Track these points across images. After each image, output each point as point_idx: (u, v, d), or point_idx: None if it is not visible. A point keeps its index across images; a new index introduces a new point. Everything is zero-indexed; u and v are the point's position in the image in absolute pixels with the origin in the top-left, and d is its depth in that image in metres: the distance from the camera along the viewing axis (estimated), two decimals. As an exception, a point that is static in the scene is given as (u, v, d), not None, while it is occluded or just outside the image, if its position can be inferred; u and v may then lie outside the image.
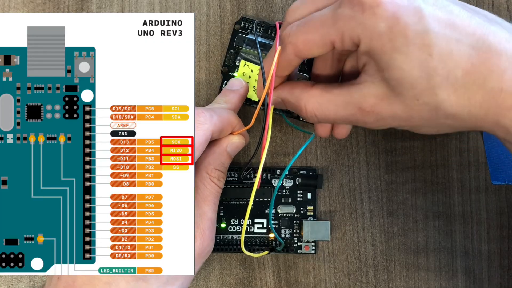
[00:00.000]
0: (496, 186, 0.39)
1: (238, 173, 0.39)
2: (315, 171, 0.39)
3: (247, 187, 0.39)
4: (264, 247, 0.39)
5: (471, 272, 0.39)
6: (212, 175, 0.34)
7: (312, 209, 0.39)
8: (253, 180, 0.39)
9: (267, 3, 0.40)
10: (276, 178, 0.39)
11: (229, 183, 0.39)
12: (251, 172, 0.39)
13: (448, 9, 0.27)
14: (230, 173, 0.39)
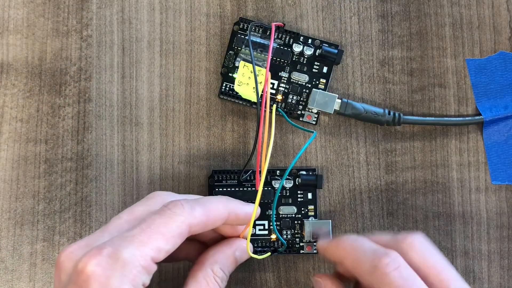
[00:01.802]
0: (496, 186, 0.39)
1: (238, 175, 0.39)
2: (315, 171, 0.39)
3: (247, 189, 0.39)
4: (267, 249, 0.39)
5: (471, 272, 0.39)
6: (217, 274, 0.32)
7: (313, 209, 0.39)
8: (253, 182, 0.39)
9: (267, 3, 0.40)
10: (277, 179, 0.39)
11: (230, 186, 0.39)
12: (251, 174, 0.39)
13: None
14: (229, 175, 0.39)
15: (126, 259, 0.28)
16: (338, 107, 0.38)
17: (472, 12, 0.40)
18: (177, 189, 0.39)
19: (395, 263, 0.30)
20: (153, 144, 0.39)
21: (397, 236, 0.33)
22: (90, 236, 0.30)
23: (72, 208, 0.39)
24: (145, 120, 0.39)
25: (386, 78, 0.40)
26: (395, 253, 0.31)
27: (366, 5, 0.40)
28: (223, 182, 0.39)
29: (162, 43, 0.40)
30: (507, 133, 0.39)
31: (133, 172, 0.39)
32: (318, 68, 0.39)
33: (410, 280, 0.30)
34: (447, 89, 0.40)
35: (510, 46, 0.40)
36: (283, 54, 0.39)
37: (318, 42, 0.39)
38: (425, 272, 0.31)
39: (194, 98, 0.40)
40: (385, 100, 0.40)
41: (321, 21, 0.40)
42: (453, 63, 0.40)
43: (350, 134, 0.39)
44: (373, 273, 0.30)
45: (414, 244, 0.32)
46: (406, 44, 0.40)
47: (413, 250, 0.31)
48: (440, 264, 0.31)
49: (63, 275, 0.29)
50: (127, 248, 0.28)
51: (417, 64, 0.40)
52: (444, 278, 0.31)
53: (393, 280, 0.30)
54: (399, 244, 0.32)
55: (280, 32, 0.39)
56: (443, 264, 0.31)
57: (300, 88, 0.39)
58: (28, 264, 0.39)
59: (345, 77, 0.40)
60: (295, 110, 0.39)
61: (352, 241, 0.33)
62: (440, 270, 0.31)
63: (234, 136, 0.39)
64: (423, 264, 0.31)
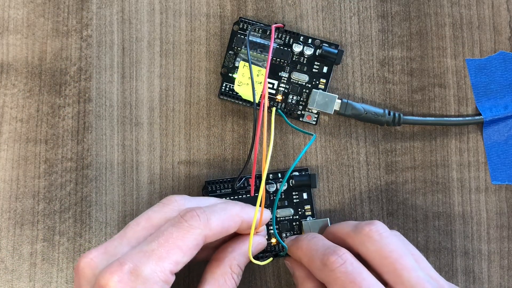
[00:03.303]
0: (496, 186, 0.39)
1: (232, 184, 0.38)
2: (307, 171, 0.39)
3: (242, 197, 0.39)
4: (268, 254, 0.38)
5: (471, 272, 0.39)
6: (235, 271, 0.33)
7: (309, 209, 0.39)
8: (247, 188, 0.39)
9: (267, 3, 0.40)
10: (270, 183, 0.38)
11: (224, 195, 0.38)
12: (244, 182, 0.39)
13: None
14: (223, 185, 0.38)
15: (147, 275, 0.29)
16: (338, 107, 0.38)
17: (472, 12, 0.40)
18: (177, 189, 0.39)
19: (341, 259, 0.31)
20: (153, 144, 0.39)
21: (357, 226, 0.34)
22: (108, 243, 0.31)
23: (72, 208, 0.39)
24: (145, 120, 0.40)
25: (386, 78, 0.40)
26: (343, 250, 0.32)
27: (366, 5, 0.40)
28: (217, 192, 0.39)
29: (162, 43, 0.40)
30: (507, 133, 0.39)
31: (133, 172, 0.39)
32: (318, 68, 0.39)
33: (355, 274, 0.31)
34: (447, 89, 0.40)
35: (510, 46, 0.40)
36: (283, 54, 0.39)
37: (318, 42, 0.39)
38: (380, 262, 0.32)
39: (194, 98, 0.40)
40: (385, 100, 0.40)
41: (321, 21, 0.40)
42: (453, 63, 0.40)
43: (350, 134, 0.39)
44: (323, 270, 0.32)
45: (371, 234, 0.33)
46: (406, 44, 0.40)
47: (369, 240, 0.32)
48: (396, 253, 0.32)
49: (84, 283, 0.30)
50: (147, 265, 0.29)
51: (417, 64, 0.40)
52: (398, 267, 0.31)
53: (339, 276, 0.31)
54: (357, 234, 0.33)
55: (280, 32, 0.39)
56: (399, 254, 0.32)
57: (300, 88, 0.39)
58: (28, 264, 0.39)
59: (345, 77, 0.40)
60: (295, 111, 0.39)
61: (308, 240, 0.35)
62: (394, 260, 0.32)
63: (234, 136, 0.39)
64: (378, 254, 0.32)
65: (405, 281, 0.31)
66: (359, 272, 0.31)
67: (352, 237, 0.33)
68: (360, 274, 0.31)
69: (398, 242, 0.33)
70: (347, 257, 0.32)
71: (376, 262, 0.32)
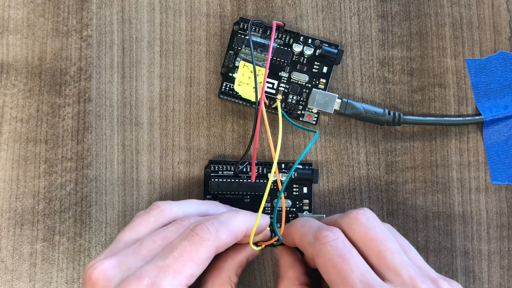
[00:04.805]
0: (496, 186, 0.39)
1: (234, 166, 0.39)
2: (311, 165, 0.39)
3: (243, 181, 0.39)
4: None
5: (471, 272, 0.39)
6: (233, 280, 0.35)
7: (308, 203, 0.39)
8: (248, 173, 0.39)
9: (267, 3, 0.40)
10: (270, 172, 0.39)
11: (226, 177, 0.39)
12: (247, 166, 0.39)
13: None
14: (226, 166, 0.39)
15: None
16: (338, 107, 0.38)
17: (472, 12, 0.40)
18: (177, 189, 0.39)
19: (334, 235, 0.32)
20: (153, 144, 0.39)
21: (346, 212, 0.35)
22: (121, 255, 0.32)
23: (72, 208, 0.39)
24: (145, 120, 0.40)
25: (386, 78, 0.40)
26: (337, 229, 0.33)
27: (366, 5, 0.40)
28: (219, 173, 0.39)
29: (162, 43, 0.40)
30: (507, 133, 0.39)
31: (133, 172, 0.39)
32: (318, 68, 0.39)
33: (345, 250, 0.32)
34: (447, 89, 0.40)
35: (510, 46, 0.40)
36: (283, 54, 0.39)
37: (318, 42, 0.39)
38: (365, 244, 0.32)
39: (194, 98, 0.40)
40: (385, 100, 0.40)
41: (321, 21, 0.40)
42: (453, 63, 0.40)
43: (350, 134, 0.39)
44: (314, 244, 0.32)
45: (358, 217, 0.33)
46: (406, 44, 0.40)
47: (356, 223, 0.33)
48: (381, 236, 0.32)
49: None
50: (164, 280, 0.30)
51: (417, 64, 0.40)
52: (382, 249, 0.32)
53: (329, 249, 0.32)
54: (345, 218, 0.34)
55: (280, 32, 0.39)
56: (383, 237, 0.32)
57: (300, 88, 0.39)
58: (28, 264, 0.39)
59: (345, 77, 0.40)
60: (295, 110, 0.39)
61: (303, 221, 0.35)
62: (379, 242, 0.32)
63: (234, 136, 0.39)
64: (364, 236, 0.33)
65: (388, 263, 0.31)
66: (349, 249, 0.32)
67: (340, 221, 0.34)
68: (350, 252, 0.32)
69: (384, 228, 0.33)
70: (340, 235, 0.33)
71: (362, 245, 0.33)
